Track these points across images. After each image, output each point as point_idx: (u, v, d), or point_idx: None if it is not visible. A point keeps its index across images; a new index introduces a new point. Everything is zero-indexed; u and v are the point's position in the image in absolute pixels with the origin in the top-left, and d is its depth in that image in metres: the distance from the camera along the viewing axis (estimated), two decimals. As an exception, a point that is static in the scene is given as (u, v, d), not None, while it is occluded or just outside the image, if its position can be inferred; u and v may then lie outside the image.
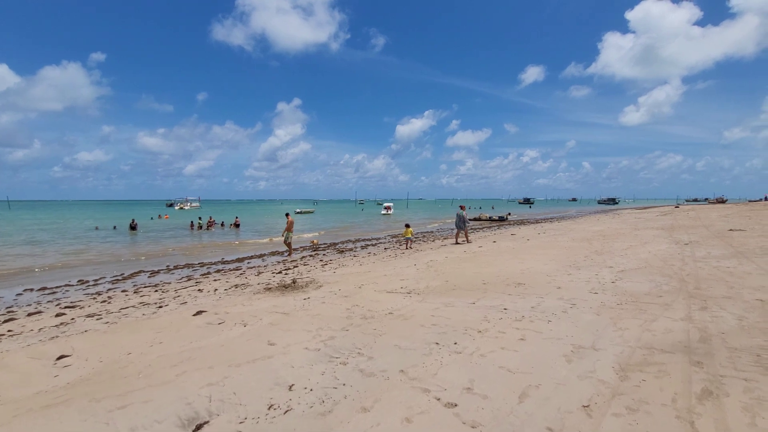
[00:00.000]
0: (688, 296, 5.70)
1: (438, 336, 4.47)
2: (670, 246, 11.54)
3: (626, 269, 8.12)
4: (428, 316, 5.33)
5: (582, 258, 9.95)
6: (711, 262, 8.42)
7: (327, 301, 6.55)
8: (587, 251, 11.26)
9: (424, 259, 11.52)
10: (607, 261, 9.30)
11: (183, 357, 4.21)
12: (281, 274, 10.59)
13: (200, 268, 13.23)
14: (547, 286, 6.87)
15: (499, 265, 9.41)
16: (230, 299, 7.28)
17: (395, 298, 6.54)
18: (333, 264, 12.21)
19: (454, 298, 6.34)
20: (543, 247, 12.84)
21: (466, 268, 9.18)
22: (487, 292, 6.61)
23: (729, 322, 4.47)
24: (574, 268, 8.57)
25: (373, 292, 7.06)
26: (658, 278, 7.07)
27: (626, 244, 12.65)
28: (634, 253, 10.49)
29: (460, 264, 10.00)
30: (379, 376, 3.46)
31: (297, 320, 5.44)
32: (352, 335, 4.65)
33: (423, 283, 7.72)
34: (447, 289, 7.06)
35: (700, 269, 7.72)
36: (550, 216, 46.92)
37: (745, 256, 8.96)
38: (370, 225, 37.18)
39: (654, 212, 39.89)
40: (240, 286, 8.81)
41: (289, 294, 7.35)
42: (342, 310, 5.84)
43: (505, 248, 13.25)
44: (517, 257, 10.75)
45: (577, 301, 5.75)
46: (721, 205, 55.17)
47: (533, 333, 4.41)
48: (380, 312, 5.65)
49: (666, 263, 8.59)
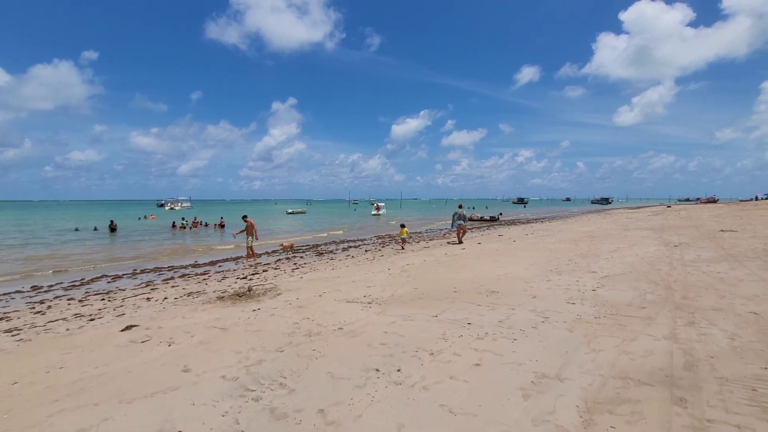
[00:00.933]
0: (674, 307, 5.10)
1: (382, 360, 3.82)
2: (658, 248, 10.99)
3: (610, 274, 7.53)
4: (381, 332, 4.68)
5: (565, 262, 9.36)
6: (701, 267, 7.86)
7: (277, 313, 5.88)
8: (572, 254, 10.69)
9: (401, 263, 10.88)
10: (591, 265, 8.71)
11: (74, 388, 3.52)
12: (245, 279, 9.89)
13: (167, 273, 12.48)
14: (522, 294, 6.25)
15: (476, 270, 8.79)
16: (174, 310, 6.58)
17: (353, 309, 5.88)
18: (305, 268, 11.52)
19: (418, 309, 5.69)
20: (527, 249, 12.25)
21: (440, 273, 8.55)
22: (455, 302, 5.97)
23: (719, 341, 3.86)
24: (555, 273, 7.97)
25: (332, 302, 6.40)
26: (643, 285, 6.48)
27: (614, 245, 12.10)
28: (620, 255, 9.93)
29: (436, 268, 9.37)
30: (290, 419, 2.80)
31: (232, 338, 4.77)
32: (285, 358, 3.98)
33: (390, 290, 7.07)
34: (413, 297, 6.42)
35: (688, 275, 7.15)
36: (542, 216, 46.51)
37: (737, 260, 8.41)
38: (360, 226, 36.51)
39: (646, 212, 39.60)
40: (194, 294, 8.10)
41: (240, 304, 6.66)
42: (288, 325, 5.18)
43: (488, 250, 12.65)
44: (498, 261, 10.14)
45: (551, 313, 5.13)
46: (712, 205, 55.13)
47: (492, 356, 3.77)
48: (330, 327, 5.00)
49: (653, 267, 8.02)
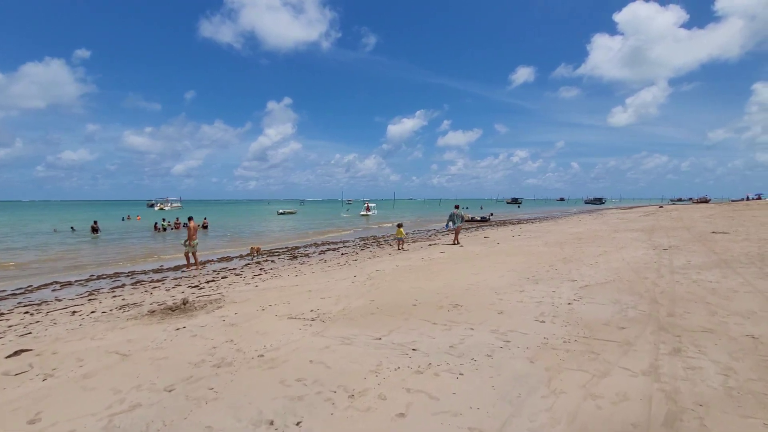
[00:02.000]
0: (657, 328, 4.34)
1: (287, 405, 3.01)
2: (647, 252, 10.28)
3: (591, 284, 6.77)
4: (305, 362, 3.87)
5: (546, 268, 8.60)
6: (690, 274, 7.13)
7: (201, 333, 5.05)
8: (555, 258, 9.94)
9: (371, 268, 10.08)
10: (572, 272, 7.95)
11: None
12: (197, 288, 9.02)
13: (123, 279, 11.57)
14: (488, 309, 5.47)
15: (448, 277, 8.01)
16: (90, 329, 5.71)
17: (290, 328, 5.06)
18: (268, 274, 10.67)
19: (364, 328, 4.89)
20: (510, 253, 11.50)
21: (408, 282, 7.76)
22: (410, 319, 5.17)
23: (710, 379, 3.09)
24: (532, 282, 7.20)
25: (271, 319, 5.58)
26: (626, 298, 5.72)
27: (600, 249, 11.38)
28: (605, 261, 9.19)
29: (406, 275, 8.57)
30: None
31: (126, 369, 3.93)
32: (169, 402, 3.16)
33: (343, 303, 6.26)
34: (365, 312, 5.61)
35: (676, 284, 6.41)
36: (534, 216, 45.93)
37: (730, 266, 7.70)
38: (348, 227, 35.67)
39: (638, 212, 39.12)
40: (128, 306, 7.23)
41: (167, 320, 5.81)
42: (203, 351, 4.35)
43: (469, 254, 11.89)
44: (476, 266, 9.37)
45: (515, 335, 4.34)
46: (704, 205, 54.92)
47: (426, 401, 2.98)
48: (250, 353, 4.18)
49: (638, 275, 7.27)
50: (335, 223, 40.17)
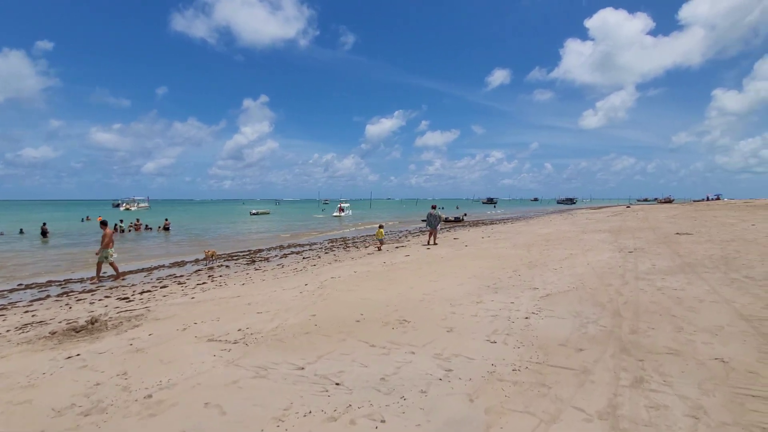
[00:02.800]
0: (619, 349, 3.83)
1: (142, 479, 2.26)
2: (612, 255, 10.01)
3: (553, 292, 6.30)
4: (201, 404, 3.13)
5: (509, 274, 8.13)
6: (655, 281, 6.78)
7: (94, 363, 4.20)
8: (520, 262, 9.51)
9: (328, 274, 9.36)
10: (535, 278, 7.50)
11: None
12: (126, 300, 8.04)
13: (54, 288, 10.38)
14: (438, 326, 4.86)
15: (404, 286, 7.39)
16: (-37, 357, 4.74)
17: (204, 354, 4.29)
18: (215, 282, 9.77)
19: (290, 353, 4.18)
20: (475, 257, 11.02)
21: (360, 292, 7.09)
22: (347, 340, 4.50)
23: (677, 422, 2.56)
24: (492, 290, 6.68)
25: (190, 341, 4.79)
26: (588, 309, 5.25)
27: (567, 252, 11.07)
28: (570, 265, 8.82)
29: (360, 283, 7.90)
30: None
31: (-34, 420, 3.07)
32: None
33: (279, 319, 5.52)
34: (299, 332, 4.90)
35: (641, 292, 6.01)
36: (507, 216, 46.33)
37: (695, 271, 7.42)
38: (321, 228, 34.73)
39: (606, 212, 39.98)
40: (33, 325, 6.23)
41: (64, 344, 4.91)
42: (82, 389, 3.53)
43: (433, 258, 11.35)
44: (437, 271, 8.81)
45: (460, 361, 3.74)
46: (668, 205, 57.01)
47: (326, 467, 2.30)
48: (139, 392, 3.39)
49: (602, 282, 6.87)
50: (308, 224, 39.11)
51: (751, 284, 6.12)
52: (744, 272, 7.02)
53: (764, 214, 21.98)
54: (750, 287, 5.94)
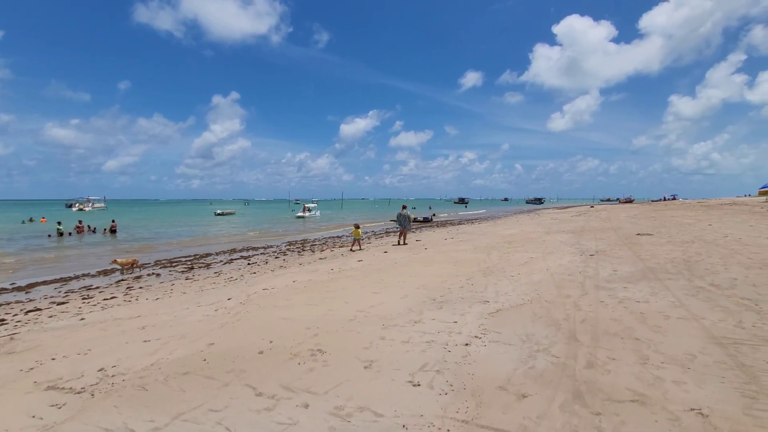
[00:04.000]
0: (572, 395, 2.96)
1: None
2: (573, 259, 9.39)
3: (504, 307, 5.46)
4: None
5: (461, 283, 7.27)
6: (617, 290, 6.09)
7: None
8: (476, 269, 8.71)
9: (261, 285, 8.21)
10: (488, 289, 6.67)
11: None
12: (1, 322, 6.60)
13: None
14: (357, 357, 3.87)
15: (339, 300, 6.37)
16: None
17: (22, 414, 3.10)
18: (125, 297, 8.41)
19: (140, 410, 3.06)
20: (431, 262, 10.15)
21: (286, 308, 6.01)
22: (230, 384, 3.42)
23: None
24: (437, 305, 5.77)
25: (28, 387, 3.57)
26: (540, 331, 4.41)
27: (527, 255, 10.41)
28: (529, 271, 8.09)
29: (291, 297, 6.82)
30: None
31: None
32: None
33: (165, 351, 4.37)
34: (177, 371, 3.77)
35: (601, 306, 5.26)
36: (475, 216, 46.32)
37: (657, 277, 6.82)
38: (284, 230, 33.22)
39: (571, 212, 40.56)
40: None
41: None
42: None
43: (386, 263, 10.39)
44: (383, 281, 7.85)
45: (361, 421, 2.75)
46: (629, 205, 58.96)
47: None
48: None
49: (560, 292, 6.11)
50: (274, 225, 37.38)
51: (718, 294, 5.51)
52: (709, 279, 6.46)
53: (718, 214, 22.51)
54: (718, 298, 5.32)
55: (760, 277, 6.35)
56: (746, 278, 6.37)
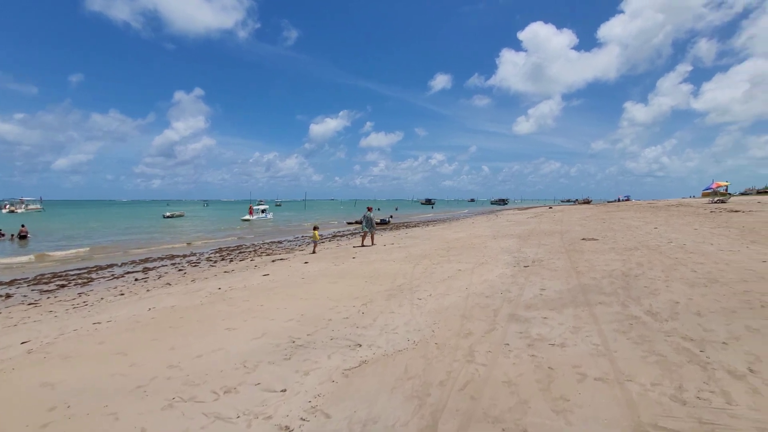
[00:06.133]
0: None
1: None
2: (504, 272, 8.07)
3: (374, 357, 3.90)
4: None
5: (352, 310, 5.70)
6: (533, 325, 4.69)
7: None
8: (388, 286, 7.19)
9: (102, 316, 6.29)
10: (378, 321, 5.12)
11: None
12: None
13: None
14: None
15: (168, 343, 4.61)
16: None
17: None
18: None
19: None
20: (343, 276, 8.55)
21: (68, 363, 4.17)
22: None
23: None
24: (290, 350, 4.14)
25: None
26: (391, 412, 2.87)
27: (458, 266, 9.02)
28: (445, 290, 6.64)
29: (104, 340, 4.97)
30: None
31: None
32: None
33: None
34: None
35: (501, 356, 3.80)
36: (435, 218, 45.43)
37: (588, 302, 5.51)
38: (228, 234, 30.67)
39: (529, 213, 40.45)
40: None
41: None
42: None
43: (292, 279, 8.69)
44: (259, 308, 6.15)
45: None
46: (586, 206, 60.37)
47: None
48: None
49: (462, 328, 4.65)
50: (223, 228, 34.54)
51: (655, 330, 4.21)
52: (646, 302, 5.21)
53: (665, 216, 22.44)
54: (654, 337, 4.01)
55: (705, 300, 5.17)
56: (689, 301, 5.18)
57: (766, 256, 7.92)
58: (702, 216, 20.67)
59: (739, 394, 2.83)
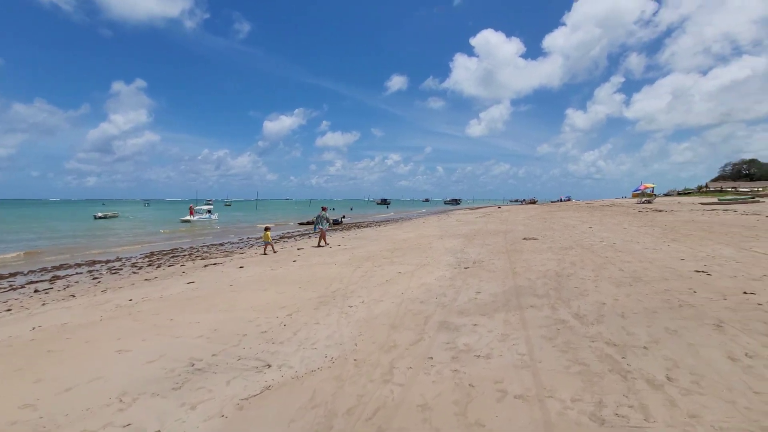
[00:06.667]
0: None
1: None
2: (444, 274, 7.88)
3: (280, 382, 3.41)
4: None
5: (275, 321, 5.14)
6: (461, 333, 4.44)
7: None
8: (320, 293, 6.69)
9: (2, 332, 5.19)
10: (299, 334, 4.62)
11: None
12: None
13: None
14: None
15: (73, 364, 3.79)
16: None
17: None
18: None
19: None
20: (277, 282, 7.92)
21: None
22: None
23: None
24: (182, 378, 3.52)
25: None
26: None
27: (399, 268, 8.73)
28: (380, 295, 6.27)
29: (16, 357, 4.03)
30: None
31: None
32: None
33: None
34: None
35: (421, 372, 3.47)
36: (389, 218, 45.43)
37: (520, 304, 5.39)
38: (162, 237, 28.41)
39: (478, 213, 41.64)
40: None
41: None
42: None
43: (218, 286, 7.91)
44: (161, 325, 5.39)
45: None
46: (532, 206, 63.53)
47: None
48: None
49: (388, 339, 4.28)
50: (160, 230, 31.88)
51: (579, 337, 4.10)
52: (575, 305, 5.17)
53: (599, 216, 23.90)
54: (579, 343, 3.88)
55: (630, 300, 5.23)
56: (615, 302, 5.21)
57: (684, 254, 8.40)
58: (631, 215, 22.22)
59: (657, 407, 2.69)
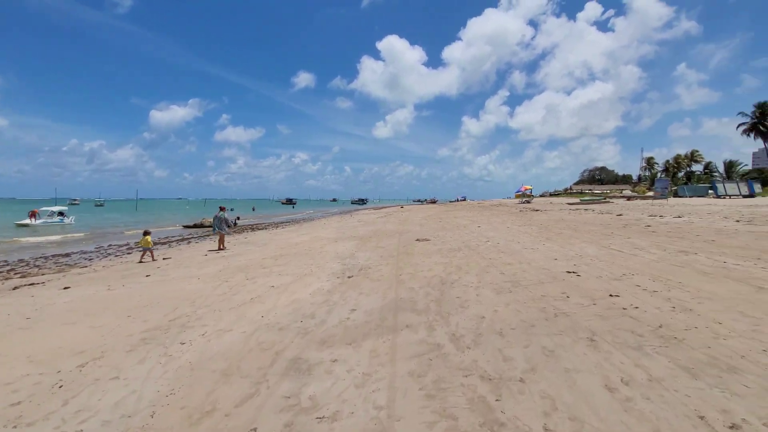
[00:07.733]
0: None
1: None
2: (322, 286, 6.87)
3: None
4: None
5: (72, 369, 3.50)
6: (314, 376, 3.44)
7: None
8: (165, 319, 5.11)
9: None
10: (93, 394, 3.11)
11: None
12: None
13: None
14: None
15: None
16: None
17: None
18: None
19: None
20: (110, 308, 6.00)
21: None
22: None
23: None
24: None
25: None
26: None
27: (274, 281, 7.46)
28: (236, 319, 4.97)
29: None
30: None
31: None
32: None
33: None
34: None
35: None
36: (291, 218, 43.11)
37: (395, 325, 4.64)
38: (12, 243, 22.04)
39: (381, 213, 41.98)
40: None
41: None
42: None
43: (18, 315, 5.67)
44: None
45: None
46: (432, 205, 66.99)
47: None
48: None
49: (221, 385, 3.07)
50: None
51: (452, 370, 3.45)
52: (454, 322, 4.61)
53: (488, 215, 25.63)
54: (450, 384, 3.21)
55: (508, 311, 4.87)
56: (495, 315, 4.79)
57: (557, 254, 8.79)
58: (513, 215, 24.20)
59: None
